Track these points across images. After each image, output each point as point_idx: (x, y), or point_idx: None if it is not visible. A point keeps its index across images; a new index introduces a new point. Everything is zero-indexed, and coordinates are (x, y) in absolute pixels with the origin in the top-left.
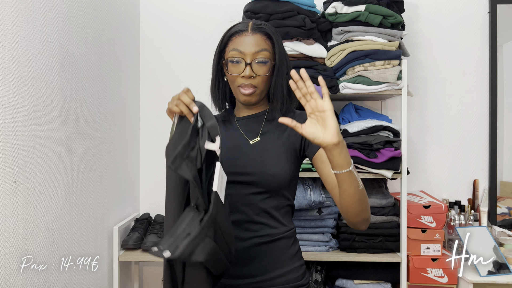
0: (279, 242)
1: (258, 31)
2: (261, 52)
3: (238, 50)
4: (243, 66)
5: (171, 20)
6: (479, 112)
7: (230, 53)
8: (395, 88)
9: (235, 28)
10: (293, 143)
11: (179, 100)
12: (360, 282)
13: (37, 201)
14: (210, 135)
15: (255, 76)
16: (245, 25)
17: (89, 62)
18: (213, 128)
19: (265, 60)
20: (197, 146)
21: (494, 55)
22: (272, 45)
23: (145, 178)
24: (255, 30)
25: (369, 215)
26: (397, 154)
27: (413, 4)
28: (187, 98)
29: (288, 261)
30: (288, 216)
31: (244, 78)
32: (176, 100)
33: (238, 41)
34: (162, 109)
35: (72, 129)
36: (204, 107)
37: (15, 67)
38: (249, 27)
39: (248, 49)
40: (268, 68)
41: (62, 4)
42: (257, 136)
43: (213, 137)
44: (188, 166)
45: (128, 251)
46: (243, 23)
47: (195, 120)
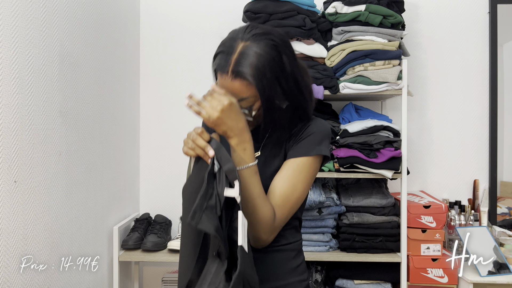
0: (277, 254)
1: (238, 76)
2: (244, 101)
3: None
4: None
5: (171, 20)
6: (479, 112)
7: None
8: (395, 88)
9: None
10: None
11: (194, 143)
12: (360, 282)
13: (37, 201)
14: (227, 179)
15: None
16: (226, 59)
17: (89, 62)
18: (231, 172)
19: (247, 108)
20: (215, 192)
21: (494, 55)
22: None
23: (145, 178)
24: (235, 75)
25: (258, 236)
26: (397, 154)
27: (413, 4)
28: (202, 141)
29: (286, 275)
30: (293, 231)
31: None
32: (191, 143)
33: (220, 80)
34: (162, 109)
35: (72, 129)
36: (220, 148)
37: (15, 67)
38: (229, 68)
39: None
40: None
41: (62, 4)
42: (258, 150)
43: (231, 181)
44: (208, 218)
45: (128, 251)
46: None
47: (212, 164)
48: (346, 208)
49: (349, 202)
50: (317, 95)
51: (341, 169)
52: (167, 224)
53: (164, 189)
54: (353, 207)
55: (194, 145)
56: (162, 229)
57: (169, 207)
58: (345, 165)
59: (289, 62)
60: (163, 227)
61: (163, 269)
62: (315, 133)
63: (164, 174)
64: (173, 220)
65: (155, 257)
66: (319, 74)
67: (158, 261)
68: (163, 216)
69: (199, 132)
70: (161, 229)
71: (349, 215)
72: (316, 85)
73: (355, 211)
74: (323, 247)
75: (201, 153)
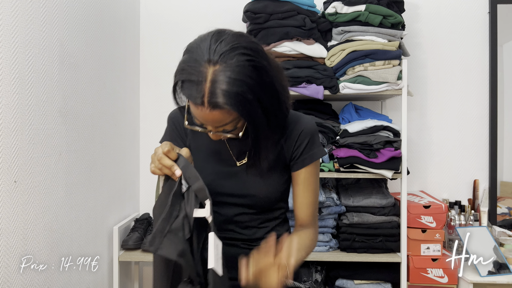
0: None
1: (218, 107)
2: (227, 125)
3: (197, 118)
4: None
5: (171, 20)
6: (479, 112)
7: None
8: (395, 88)
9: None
10: (284, 157)
11: (160, 163)
12: (360, 282)
13: (37, 201)
14: (197, 198)
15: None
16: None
17: (89, 62)
18: (201, 191)
19: (231, 129)
20: (183, 213)
21: (494, 55)
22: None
23: (145, 178)
24: (213, 106)
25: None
26: (397, 154)
27: (413, 4)
28: (168, 161)
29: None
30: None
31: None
32: (156, 162)
33: (194, 111)
34: (162, 109)
35: (72, 129)
36: (188, 166)
37: (15, 67)
38: (205, 100)
39: (209, 124)
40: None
41: (62, 4)
42: (245, 156)
43: (202, 200)
44: (171, 242)
45: (128, 251)
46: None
47: (179, 184)
48: (346, 208)
49: (349, 202)
50: (317, 95)
51: (341, 169)
52: None
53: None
54: (353, 207)
55: (160, 165)
56: None
57: None
58: (345, 165)
59: (267, 73)
60: None
61: None
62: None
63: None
64: None
65: None
66: (319, 74)
67: None
68: None
69: (165, 151)
70: None
71: (349, 215)
72: (316, 85)
73: (355, 211)
74: (323, 247)
75: (168, 172)
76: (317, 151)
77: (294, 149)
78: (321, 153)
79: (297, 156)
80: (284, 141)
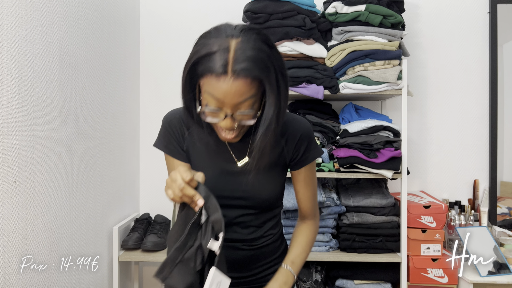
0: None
1: (242, 75)
2: (246, 102)
3: (214, 97)
4: (222, 115)
5: (171, 20)
6: (479, 112)
7: (205, 97)
8: (395, 88)
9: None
10: (284, 159)
11: (182, 193)
12: (360, 282)
13: (37, 201)
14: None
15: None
16: (223, 59)
17: (89, 62)
18: (218, 223)
19: (250, 108)
20: (198, 243)
21: (494, 55)
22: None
23: (145, 178)
24: (237, 75)
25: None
26: (397, 154)
27: (413, 4)
28: (191, 190)
29: (277, 260)
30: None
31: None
32: (177, 191)
33: (214, 85)
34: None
35: (72, 129)
36: (209, 196)
37: (15, 67)
38: (229, 67)
39: (228, 99)
40: (255, 113)
41: (62, 4)
42: (245, 155)
43: (217, 232)
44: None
45: (128, 251)
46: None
47: (199, 214)
48: (346, 208)
49: (349, 202)
50: (317, 95)
51: (341, 169)
52: (167, 224)
53: (164, 189)
54: (353, 207)
55: (180, 194)
56: (162, 229)
57: (169, 207)
58: (345, 165)
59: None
60: (163, 227)
61: None
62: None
63: (164, 174)
64: None
65: (155, 257)
66: (319, 74)
67: (158, 261)
68: (163, 216)
69: (187, 180)
70: (161, 229)
71: (349, 215)
72: (316, 85)
73: (355, 211)
74: (323, 247)
75: (188, 201)
76: (316, 151)
77: (294, 150)
78: (320, 152)
79: (298, 157)
80: (285, 142)
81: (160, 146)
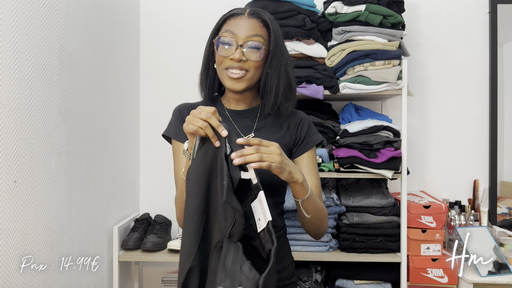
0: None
1: (255, 16)
2: (255, 37)
3: (231, 32)
4: (234, 48)
5: (171, 20)
6: (479, 112)
7: (222, 34)
8: (395, 88)
9: (231, 12)
10: (289, 141)
11: (206, 122)
12: (360, 282)
13: (37, 201)
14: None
15: (246, 60)
16: (243, 9)
17: (89, 62)
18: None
19: (258, 45)
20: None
21: (494, 55)
22: (268, 34)
23: (145, 178)
24: (251, 15)
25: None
26: (397, 154)
27: (413, 4)
28: (216, 121)
29: (282, 259)
30: (282, 214)
31: (233, 61)
32: (201, 121)
33: (232, 23)
34: (162, 109)
35: (72, 129)
36: (231, 131)
37: (15, 67)
38: (246, 12)
39: (241, 32)
40: (260, 55)
41: (62, 4)
42: (252, 132)
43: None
44: (233, 197)
45: (128, 251)
46: (241, 8)
47: (224, 146)
48: (346, 208)
49: (349, 202)
50: (317, 95)
51: (341, 169)
52: (167, 224)
53: (164, 189)
54: (353, 207)
55: (206, 123)
56: (162, 229)
57: (169, 207)
58: (345, 165)
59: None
60: (163, 227)
61: (163, 269)
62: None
63: (164, 174)
64: (173, 220)
65: (155, 257)
66: (319, 74)
67: (158, 261)
68: (163, 216)
69: (212, 111)
70: (161, 229)
71: (349, 215)
72: (316, 85)
73: (355, 211)
74: (323, 247)
75: (210, 133)
76: (317, 137)
77: (297, 134)
78: (320, 137)
79: (299, 141)
80: (287, 127)
81: (170, 133)
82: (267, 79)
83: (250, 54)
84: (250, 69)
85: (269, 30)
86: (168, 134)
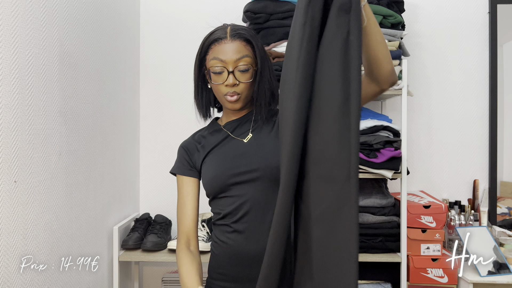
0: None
1: (237, 37)
2: (243, 59)
3: (219, 59)
4: (226, 75)
5: (171, 20)
6: (479, 112)
7: (211, 62)
8: (395, 88)
9: (213, 36)
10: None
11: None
12: (360, 282)
13: (37, 201)
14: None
15: (238, 83)
16: (223, 31)
17: (89, 62)
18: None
19: (247, 67)
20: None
21: (494, 55)
22: (253, 50)
23: (145, 178)
24: (234, 36)
25: (390, 66)
26: (397, 154)
27: (413, 4)
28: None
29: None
30: None
31: (228, 87)
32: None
33: (218, 49)
34: (162, 109)
35: (72, 129)
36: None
37: (15, 67)
38: (227, 34)
39: (229, 57)
40: (250, 75)
41: (62, 4)
42: (249, 133)
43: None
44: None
45: (128, 251)
46: (221, 29)
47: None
48: None
49: None
50: None
51: None
52: (167, 224)
53: (164, 189)
54: None
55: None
56: (162, 229)
57: (169, 207)
58: None
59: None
60: (163, 227)
61: (163, 269)
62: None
63: (164, 174)
64: (173, 220)
65: (155, 257)
66: None
67: (158, 261)
68: (163, 216)
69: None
70: (161, 229)
71: None
72: None
73: None
74: None
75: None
76: None
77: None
78: None
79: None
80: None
81: (174, 170)
82: (259, 93)
83: (240, 76)
84: (242, 92)
85: (252, 46)
86: (174, 172)
